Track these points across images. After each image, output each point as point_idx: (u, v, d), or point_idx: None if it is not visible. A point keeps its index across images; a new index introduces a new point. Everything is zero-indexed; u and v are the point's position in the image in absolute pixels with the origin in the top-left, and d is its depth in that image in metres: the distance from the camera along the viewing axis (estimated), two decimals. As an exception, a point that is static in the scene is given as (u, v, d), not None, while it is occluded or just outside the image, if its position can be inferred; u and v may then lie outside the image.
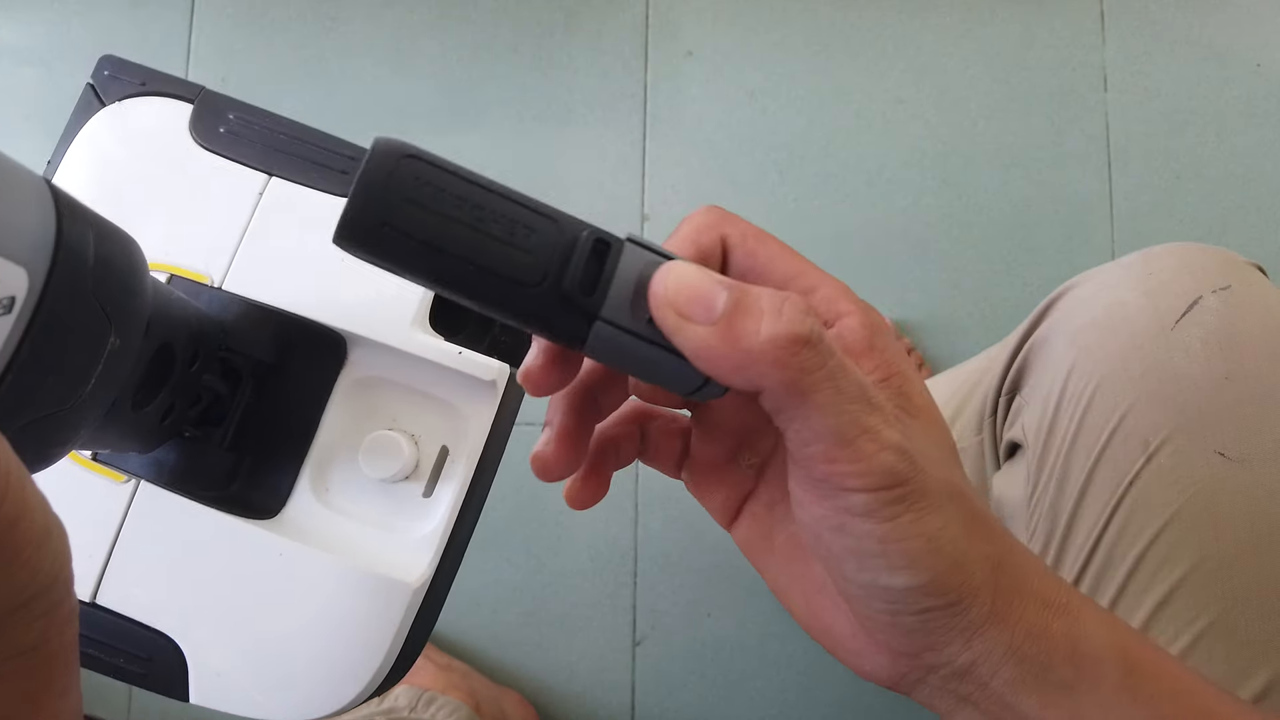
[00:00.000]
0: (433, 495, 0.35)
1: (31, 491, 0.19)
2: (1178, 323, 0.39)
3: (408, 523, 0.35)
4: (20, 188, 0.22)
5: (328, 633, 0.33)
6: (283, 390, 0.35)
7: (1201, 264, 0.41)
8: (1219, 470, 0.37)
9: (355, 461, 0.35)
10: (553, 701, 0.82)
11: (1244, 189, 0.91)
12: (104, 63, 0.39)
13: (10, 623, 0.20)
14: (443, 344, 0.34)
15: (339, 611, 0.33)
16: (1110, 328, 0.41)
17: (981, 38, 0.93)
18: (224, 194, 0.37)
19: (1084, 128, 0.92)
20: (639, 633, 0.84)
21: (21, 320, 0.21)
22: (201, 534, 0.34)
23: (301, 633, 0.33)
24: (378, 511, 0.35)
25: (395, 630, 0.33)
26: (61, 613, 0.21)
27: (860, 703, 0.83)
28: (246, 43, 0.91)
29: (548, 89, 0.91)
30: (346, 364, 0.35)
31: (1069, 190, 0.91)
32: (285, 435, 0.35)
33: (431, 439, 0.35)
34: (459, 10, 0.92)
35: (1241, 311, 0.39)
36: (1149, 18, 0.94)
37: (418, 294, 0.34)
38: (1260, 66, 0.93)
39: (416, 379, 0.35)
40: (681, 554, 0.85)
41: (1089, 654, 0.23)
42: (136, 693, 0.82)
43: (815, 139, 0.91)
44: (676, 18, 0.92)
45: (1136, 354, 0.40)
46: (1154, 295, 0.41)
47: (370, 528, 0.35)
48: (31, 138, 0.89)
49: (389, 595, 0.33)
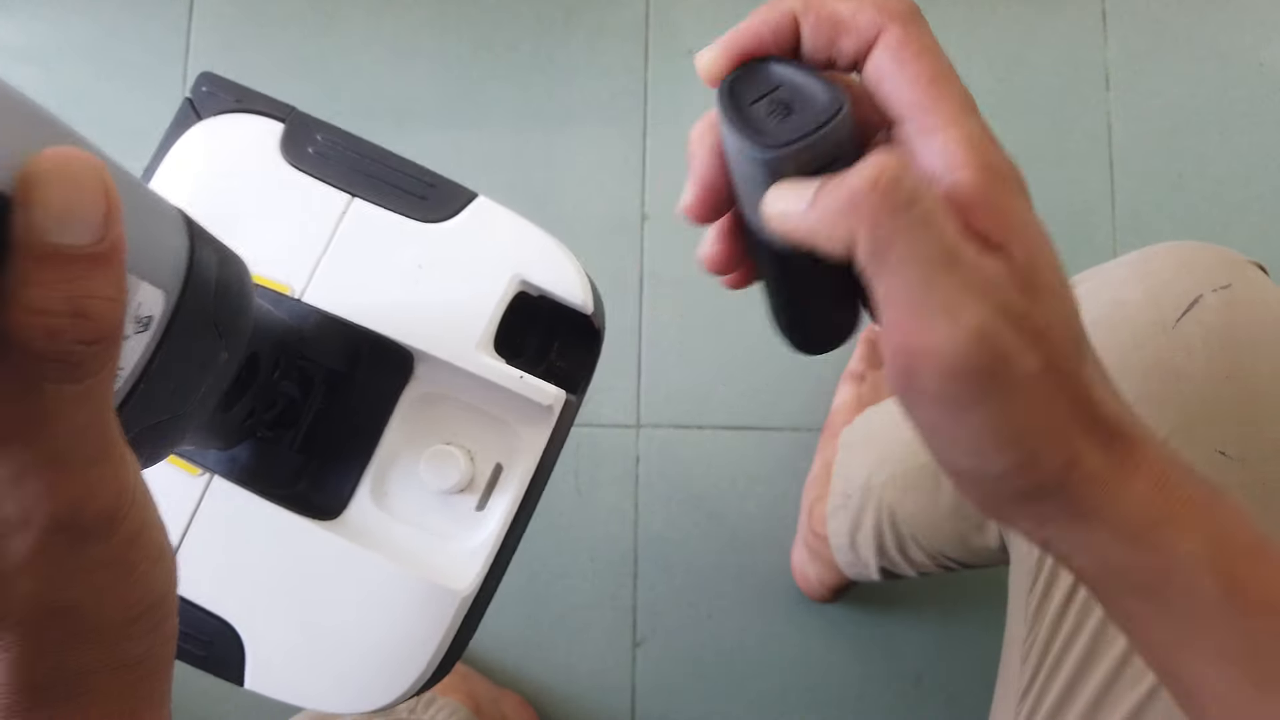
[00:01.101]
0: (485, 509, 0.38)
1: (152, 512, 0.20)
2: (1178, 321, 0.39)
3: (460, 533, 0.37)
4: (164, 219, 0.24)
5: (378, 632, 0.35)
6: (351, 398, 0.37)
7: (1202, 262, 0.41)
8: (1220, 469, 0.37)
9: (414, 471, 0.37)
10: (553, 702, 0.82)
11: (1247, 188, 0.91)
12: (202, 79, 0.41)
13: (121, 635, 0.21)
14: (504, 367, 0.36)
15: (390, 612, 0.35)
16: (1111, 326, 0.41)
17: (982, 36, 0.93)
18: (309, 211, 0.39)
19: (1086, 127, 0.92)
20: (639, 634, 0.83)
21: (155, 338, 0.23)
22: (267, 529, 0.36)
23: (353, 630, 0.35)
24: (432, 520, 0.38)
25: (442, 635, 0.36)
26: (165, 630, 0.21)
27: (860, 703, 0.83)
28: (245, 41, 0.91)
29: (547, 87, 0.91)
30: (412, 378, 0.38)
31: (1071, 189, 0.90)
32: (350, 441, 0.37)
33: (487, 455, 0.38)
34: (458, 9, 0.92)
35: (1242, 310, 0.39)
36: (1151, 17, 0.94)
37: (485, 317, 0.36)
38: (1263, 66, 0.93)
39: (477, 397, 0.37)
40: (681, 554, 0.84)
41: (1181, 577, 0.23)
42: (135, 693, 0.82)
43: (816, 138, 0.90)
44: (676, 17, 0.92)
45: (1137, 352, 0.39)
46: (1155, 294, 0.41)
47: (424, 535, 0.37)
48: (30, 137, 0.89)
49: (439, 601, 0.35)
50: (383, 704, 0.36)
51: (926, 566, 0.63)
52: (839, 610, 0.84)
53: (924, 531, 0.59)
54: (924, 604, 0.84)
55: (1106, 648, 0.38)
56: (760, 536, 0.84)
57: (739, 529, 0.85)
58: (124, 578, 0.20)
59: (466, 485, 0.37)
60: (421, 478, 0.37)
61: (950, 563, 0.60)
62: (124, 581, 0.20)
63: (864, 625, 0.84)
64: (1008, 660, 0.45)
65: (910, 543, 0.62)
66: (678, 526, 0.85)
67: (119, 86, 0.90)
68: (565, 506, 0.84)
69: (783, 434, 0.86)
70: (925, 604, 0.84)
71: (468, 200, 0.39)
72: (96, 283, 0.17)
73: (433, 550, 0.37)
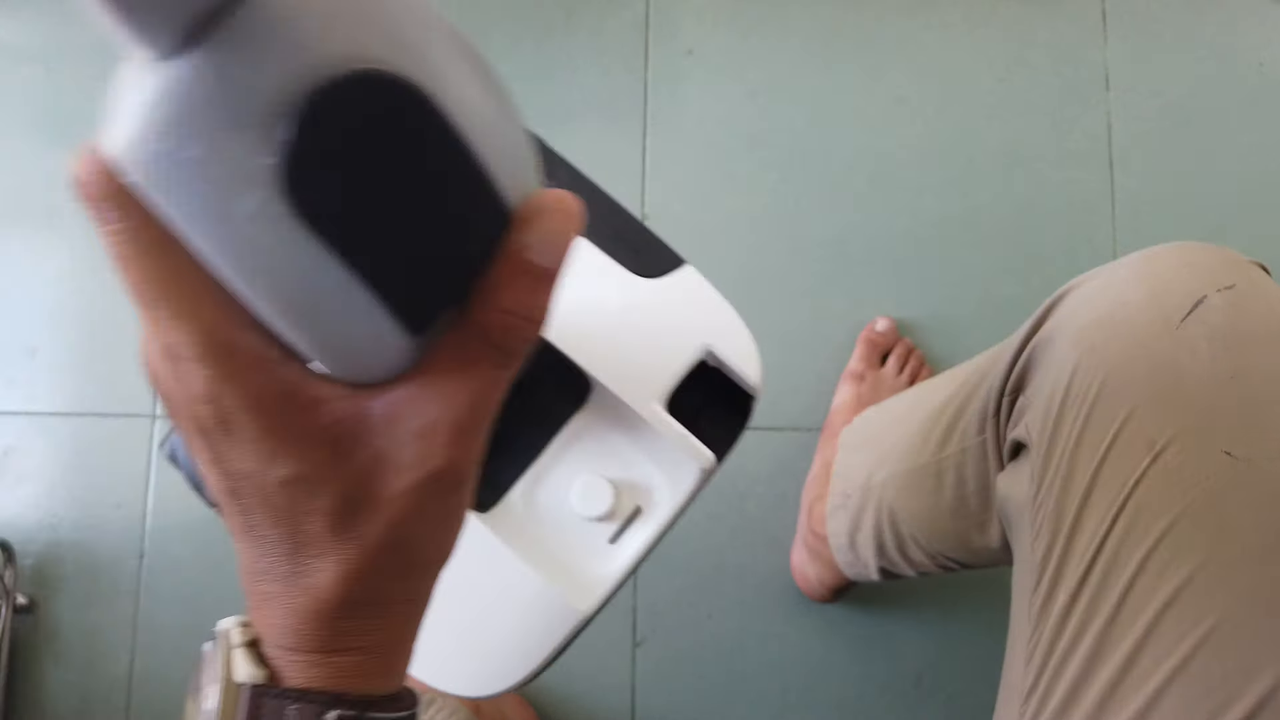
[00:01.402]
0: (617, 543, 0.41)
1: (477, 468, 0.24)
2: (1183, 322, 0.39)
3: (589, 558, 0.40)
4: None
5: (500, 626, 0.38)
6: (528, 407, 0.40)
7: (1205, 263, 0.41)
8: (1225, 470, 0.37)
9: (564, 490, 0.40)
10: (552, 702, 0.82)
11: (1247, 188, 0.91)
12: None
13: (427, 575, 0.25)
14: (674, 422, 0.39)
15: (515, 611, 0.38)
16: (1114, 327, 0.41)
17: (983, 37, 0.93)
18: None
19: (1086, 127, 0.92)
20: (639, 633, 0.83)
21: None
22: None
23: (480, 620, 0.38)
24: (569, 539, 0.40)
25: (556, 644, 0.38)
26: (438, 575, 0.25)
27: (860, 704, 0.83)
28: (246, 42, 0.91)
29: (547, 88, 0.91)
30: (585, 407, 0.41)
31: (1071, 189, 0.90)
32: (516, 446, 0.41)
33: (631, 496, 0.41)
34: (458, 9, 0.92)
35: (1247, 310, 0.39)
36: (1151, 16, 0.94)
37: (670, 373, 0.40)
38: (1263, 66, 0.93)
39: (637, 442, 0.41)
40: (681, 554, 0.84)
41: None
42: (134, 694, 0.82)
43: (815, 139, 0.91)
44: (676, 17, 0.92)
45: (1141, 353, 0.39)
46: (1158, 294, 0.40)
47: (560, 550, 0.40)
48: (32, 138, 0.89)
49: (561, 613, 0.38)
50: (482, 694, 0.39)
51: (926, 566, 0.63)
52: (839, 610, 0.84)
53: (924, 531, 0.59)
54: (924, 604, 0.84)
55: (1111, 649, 0.38)
56: (760, 537, 0.84)
57: (739, 529, 0.85)
58: (451, 528, 0.24)
59: (607, 518, 0.41)
60: (571, 499, 0.40)
61: (950, 563, 0.60)
62: (450, 531, 0.24)
63: (864, 626, 0.84)
64: (1011, 662, 0.45)
65: (910, 543, 0.62)
66: (678, 526, 0.84)
67: (119, 87, 0.90)
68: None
69: (782, 434, 0.86)
70: (925, 604, 0.84)
71: (677, 264, 0.41)
72: (545, 298, 0.22)
73: (565, 566, 0.40)
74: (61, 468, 0.85)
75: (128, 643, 0.83)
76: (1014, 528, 0.46)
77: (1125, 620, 0.38)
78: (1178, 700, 0.35)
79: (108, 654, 0.82)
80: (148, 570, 0.83)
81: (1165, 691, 0.36)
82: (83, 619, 0.83)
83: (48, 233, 0.88)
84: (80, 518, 0.84)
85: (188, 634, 0.82)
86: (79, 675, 0.82)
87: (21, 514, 0.84)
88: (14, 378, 0.86)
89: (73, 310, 0.87)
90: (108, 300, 0.87)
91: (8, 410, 0.86)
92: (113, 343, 0.86)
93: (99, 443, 0.85)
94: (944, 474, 0.55)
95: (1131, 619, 0.37)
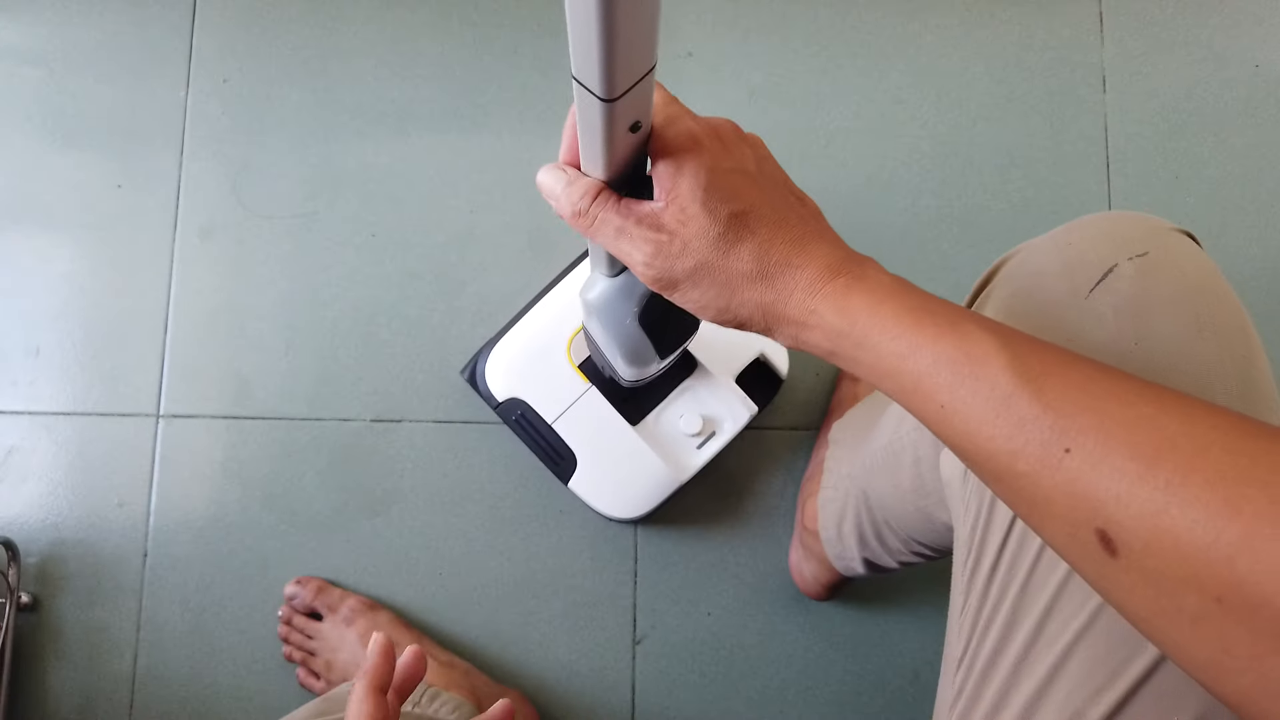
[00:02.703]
0: (701, 449, 0.76)
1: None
2: (1090, 292, 0.39)
3: (686, 455, 0.76)
4: None
5: (640, 481, 0.75)
6: (666, 374, 0.73)
7: (1122, 232, 0.41)
8: None
9: (676, 417, 0.76)
10: (553, 700, 0.83)
11: (1243, 190, 0.92)
12: None
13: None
14: (737, 387, 0.76)
15: (647, 473, 0.75)
16: (1030, 298, 0.41)
17: (980, 39, 0.93)
18: None
19: (1082, 128, 0.92)
20: (639, 632, 0.84)
21: None
22: (605, 416, 0.75)
23: (627, 479, 0.75)
24: (677, 443, 0.76)
25: (667, 494, 0.76)
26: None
27: (858, 700, 0.83)
28: (248, 44, 0.91)
29: (549, 90, 0.91)
30: (693, 373, 0.77)
31: (1068, 191, 0.91)
32: (656, 391, 0.76)
33: (710, 424, 0.76)
34: (460, 11, 0.92)
35: (1155, 277, 0.39)
36: (1147, 18, 0.94)
37: (740, 362, 0.77)
38: (1259, 67, 0.94)
39: (717, 395, 0.76)
40: (681, 554, 0.85)
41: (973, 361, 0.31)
42: (138, 693, 0.83)
43: (815, 139, 0.91)
44: (676, 18, 0.92)
45: (1054, 324, 0.40)
46: (1070, 265, 0.41)
47: (671, 449, 0.75)
48: (35, 139, 0.90)
49: (670, 478, 0.75)
50: (624, 516, 0.76)
51: (904, 555, 0.63)
52: (836, 608, 0.84)
53: (893, 514, 0.60)
54: (921, 602, 0.85)
55: (1025, 614, 0.39)
56: (758, 535, 0.85)
57: (738, 528, 0.85)
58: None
59: (697, 434, 0.75)
60: (679, 423, 0.75)
61: (923, 548, 0.60)
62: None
63: (861, 623, 0.84)
64: (950, 634, 0.45)
65: (885, 528, 0.62)
66: (677, 525, 0.85)
67: (121, 89, 0.90)
68: (566, 505, 0.85)
69: (781, 433, 0.86)
70: (922, 602, 0.85)
71: None
72: None
73: (673, 456, 0.75)
74: (65, 467, 0.85)
75: (130, 641, 0.83)
76: (953, 505, 0.47)
77: (1037, 584, 0.39)
78: (1085, 656, 0.36)
79: (111, 652, 0.83)
80: (151, 569, 0.84)
81: (1073, 651, 0.37)
82: (86, 618, 0.83)
83: (50, 233, 0.88)
84: (83, 517, 0.85)
85: (190, 632, 0.83)
86: (82, 674, 0.83)
87: (25, 513, 0.85)
88: (17, 378, 0.86)
89: (75, 310, 0.87)
90: (110, 300, 0.87)
91: (11, 410, 0.86)
92: (115, 342, 0.87)
93: (102, 442, 0.85)
94: (902, 453, 0.56)
95: (1043, 582, 0.38)
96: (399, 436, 0.85)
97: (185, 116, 0.90)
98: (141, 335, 0.87)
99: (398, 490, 0.85)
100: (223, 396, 0.86)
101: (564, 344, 0.75)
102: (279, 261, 0.88)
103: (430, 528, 0.84)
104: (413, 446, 0.85)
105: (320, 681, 0.80)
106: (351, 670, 0.78)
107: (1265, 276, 0.91)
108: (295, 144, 0.90)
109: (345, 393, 0.86)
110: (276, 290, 0.87)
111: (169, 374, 0.86)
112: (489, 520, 0.85)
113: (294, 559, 0.84)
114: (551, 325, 0.76)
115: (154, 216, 0.89)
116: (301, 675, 0.81)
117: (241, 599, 0.83)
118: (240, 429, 0.85)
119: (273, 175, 0.89)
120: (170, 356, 0.87)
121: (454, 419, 0.86)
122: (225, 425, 0.86)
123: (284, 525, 0.84)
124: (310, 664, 0.80)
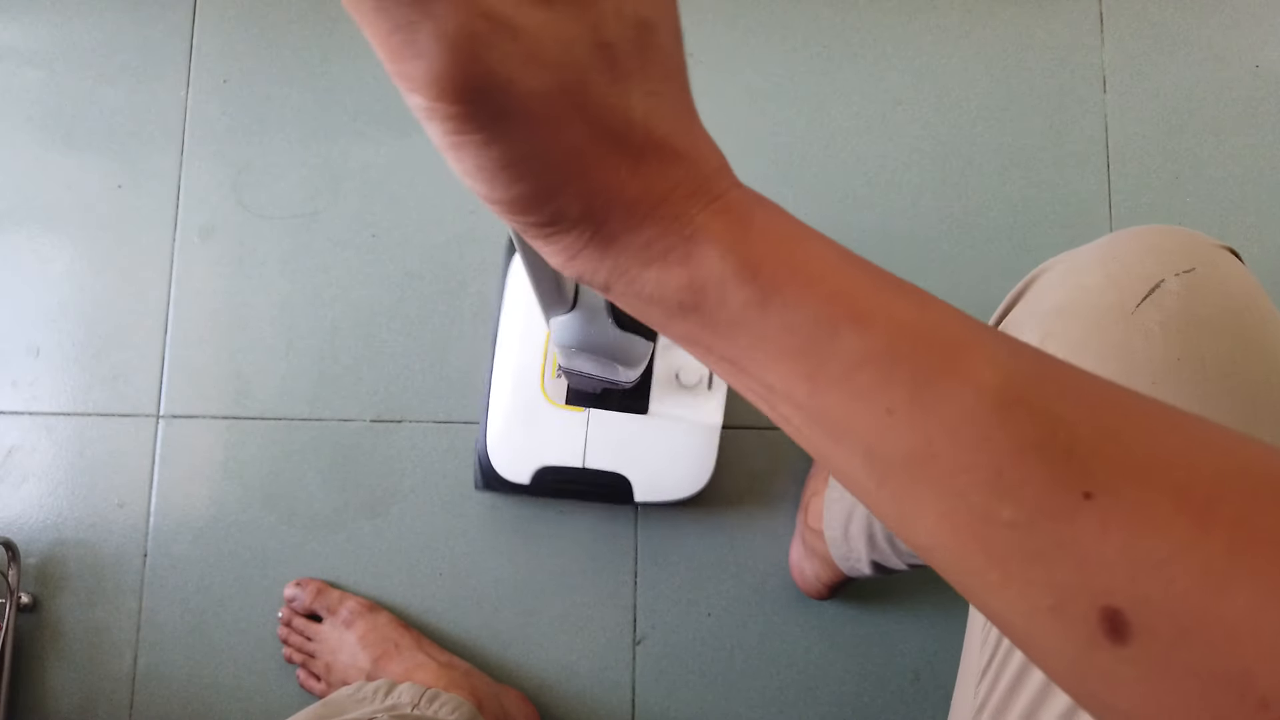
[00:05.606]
0: (712, 389, 0.75)
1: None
2: (1139, 306, 0.39)
3: (702, 403, 0.75)
4: None
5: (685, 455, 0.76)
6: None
7: (1166, 247, 0.41)
8: None
9: (671, 378, 0.75)
10: (553, 700, 0.83)
11: (1243, 190, 0.92)
12: None
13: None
14: None
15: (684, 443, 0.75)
16: (1074, 311, 0.41)
17: (980, 39, 0.93)
18: None
19: (1083, 129, 0.92)
20: (639, 632, 0.84)
21: None
22: (620, 423, 0.74)
23: (673, 457, 0.75)
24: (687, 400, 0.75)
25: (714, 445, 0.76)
26: None
27: (858, 700, 0.83)
28: (248, 44, 0.91)
29: (548, 90, 0.91)
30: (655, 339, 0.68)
31: (1068, 191, 0.91)
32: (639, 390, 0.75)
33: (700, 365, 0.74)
34: (460, 11, 0.92)
35: (1202, 294, 0.39)
36: (1148, 19, 0.95)
37: None
38: (1259, 68, 0.94)
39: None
40: (681, 554, 0.85)
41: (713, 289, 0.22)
42: (138, 693, 0.83)
43: (815, 139, 0.91)
44: (677, 19, 0.92)
45: (1098, 337, 0.39)
46: (1116, 279, 0.40)
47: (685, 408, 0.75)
48: (35, 139, 0.90)
49: (707, 427, 0.75)
50: (698, 489, 0.76)
51: (914, 557, 0.63)
52: (837, 608, 0.84)
53: None
54: (921, 602, 0.85)
55: None
56: (759, 535, 0.85)
57: (738, 528, 0.85)
58: None
59: (699, 381, 0.75)
60: (679, 381, 0.74)
61: None
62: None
63: (862, 623, 0.84)
64: (969, 643, 0.45)
65: None
66: (677, 525, 0.85)
67: (121, 89, 0.90)
68: (566, 505, 0.85)
69: (781, 432, 0.86)
70: (923, 602, 0.85)
71: None
72: None
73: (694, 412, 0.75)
74: (65, 467, 0.85)
75: (130, 641, 0.83)
76: None
77: None
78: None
79: (111, 653, 0.83)
80: (151, 569, 0.84)
81: None
82: (86, 618, 0.83)
83: (51, 233, 0.88)
84: (83, 517, 0.85)
85: (190, 632, 0.83)
86: (82, 674, 0.83)
87: (25, 513, 0.85)
88: (17, 378, 0.86)
89: (76, 310, 0.87)
90: (110, 301, 0.87)
91: (11, 410, 0.86)
92: (115, 342, 0.87)
93: (102, 442, 0.85)
94: None
95: None
96: (399, 436, 0.85)
97: (185, 116, 0.90)
98: (142, 335, 0.87)
99: (398, 490, 0.85)
100: (223, 397, 0.86)
101: (540, 394, 0.74)
102: (279, 262, 0.88)
103: (430, 528, 0.84)
104: (413, 446, 0.85)
105: (320, 684, 0.79)
106: (351, 672, 0.78)
107: (1265, 277, 0.91)
108: (295, 144, 0.90)
109: (345, 393, 0.86)
110: (277, 290, 0.87)
111: (169, 374, 0.86)
112: (489, 520, 0.85)
113: (294, 559, 0.84)
114: (521, 386, 0.74)
115: (154, 217, 0.89)
116: (302, 677, 0.81)
117: (241, 599, 0.83)
118: (240, 429, 0.85)
119: (273, 175, 0.89)
120: (170, 357, 0.87)
121: (454, 419, 0.86)
122: (225, 425, 0.86)
123: (284, 525, 0.84)
124: (310, 666, 0.80)
